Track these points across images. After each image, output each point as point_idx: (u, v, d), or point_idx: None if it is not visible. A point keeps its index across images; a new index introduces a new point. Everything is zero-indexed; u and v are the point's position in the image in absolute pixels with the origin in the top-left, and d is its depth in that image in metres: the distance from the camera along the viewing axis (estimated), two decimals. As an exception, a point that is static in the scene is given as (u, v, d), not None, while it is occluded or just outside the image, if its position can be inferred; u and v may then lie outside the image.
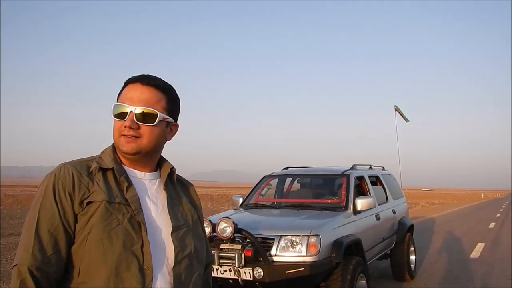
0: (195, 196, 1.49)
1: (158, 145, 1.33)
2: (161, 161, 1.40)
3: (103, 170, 1.26)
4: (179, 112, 1.41)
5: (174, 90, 1.38)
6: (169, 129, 1.36)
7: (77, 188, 1.20)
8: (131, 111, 1.26)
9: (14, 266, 1.15)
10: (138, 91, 1.29)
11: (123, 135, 1.27)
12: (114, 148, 1.33)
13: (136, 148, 1.27)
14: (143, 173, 1.33)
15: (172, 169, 1.39)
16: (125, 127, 1.26)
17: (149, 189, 1.32)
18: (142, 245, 1.20)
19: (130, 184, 1.27)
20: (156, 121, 1.28)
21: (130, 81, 1.32)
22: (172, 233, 1.29)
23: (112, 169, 1.27)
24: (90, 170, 1.25)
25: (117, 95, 1.34)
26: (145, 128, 1.27)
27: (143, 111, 1.27)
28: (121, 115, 1.27)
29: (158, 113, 1.29)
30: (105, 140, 1.38)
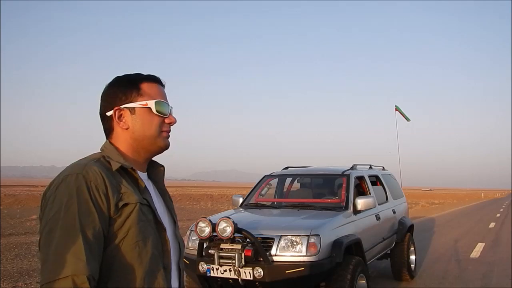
0: (169, 195, 1.51)
1: None
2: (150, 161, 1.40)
3: (122, 171, 1.23)
4: None
5: None
6: None
7: (110, 190, 1.15)
8: (170, 109, 1.33)
9: (62, 278, 1.03)
10: (162, 90, 1.34)
11: (164, 131, 1.30)
12: (114, 146, 1.29)
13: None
14: (142, 173, 1.33)
15: (164, 168, 1.42)
16: (169, 123, 1.31)
17: (149, 188, 1.32)
18: (162, 244, 1.24)
19: (145, 184, 1.27)
20: None
21: (150, 80, 1.32)
22: (175, 230, 1.36)
23: (131, 168, 1.24)
24: (114, 171, 1.20)
25: (123, 89, 1.29)
26: None
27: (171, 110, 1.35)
28: (165, 112, 1.30)
29: None
30: (104, 140, 1.37)
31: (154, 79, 1.33)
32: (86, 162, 1.19)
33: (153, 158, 1.38)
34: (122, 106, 1.27)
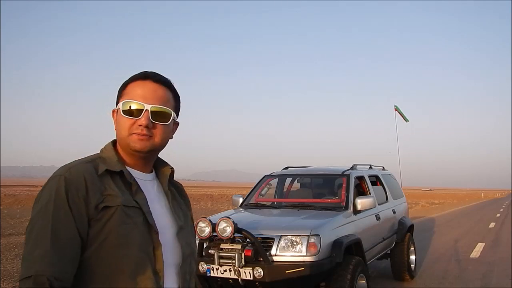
0: (186, 196, 1.48)
1: (166, 144, 1.31)
2: (158, 161, 1.37)
3: (111, 172, 1.21)
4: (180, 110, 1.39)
5: (175, 88, 1.36)
6: (174, 127, 1.35)
7: (91, 192, 1.13)
8: (146, 110, 1.22)
9: (26, 277, 1.03)
10: (151, 88, 1.25)
11: (135, 133, 1.22)
12: (114, 146, 1.29)
13: (150, 146, 1.24)
14: (143, 173, 1.31)
15: (172, 169, 1.38)
16: (140, 125, 1.22)
17: (151, 190, 1.30)
18: (154, 248, 1.19)
19: (138, 186, 1.24)
20: (170, 120, 1.27)
21: (138, 78, 1.27)
22: (177, 233, 1.29)
23: (121, 171, 1.22)
24: (100, 173, 1.18)
25: (117, 92, 1.30)
26: (159, 127, 1.25)
27: (158, 110, 1.25)
28: (133, 113, 1.22)
29: (172, 112, 1.28)
30: (105, 140, 1.35)
31: (140, 77, 1.27)
32: (76, 163, 1.19)
33: (163, 158, 1.37)
34: (116, 108, 1.29)
